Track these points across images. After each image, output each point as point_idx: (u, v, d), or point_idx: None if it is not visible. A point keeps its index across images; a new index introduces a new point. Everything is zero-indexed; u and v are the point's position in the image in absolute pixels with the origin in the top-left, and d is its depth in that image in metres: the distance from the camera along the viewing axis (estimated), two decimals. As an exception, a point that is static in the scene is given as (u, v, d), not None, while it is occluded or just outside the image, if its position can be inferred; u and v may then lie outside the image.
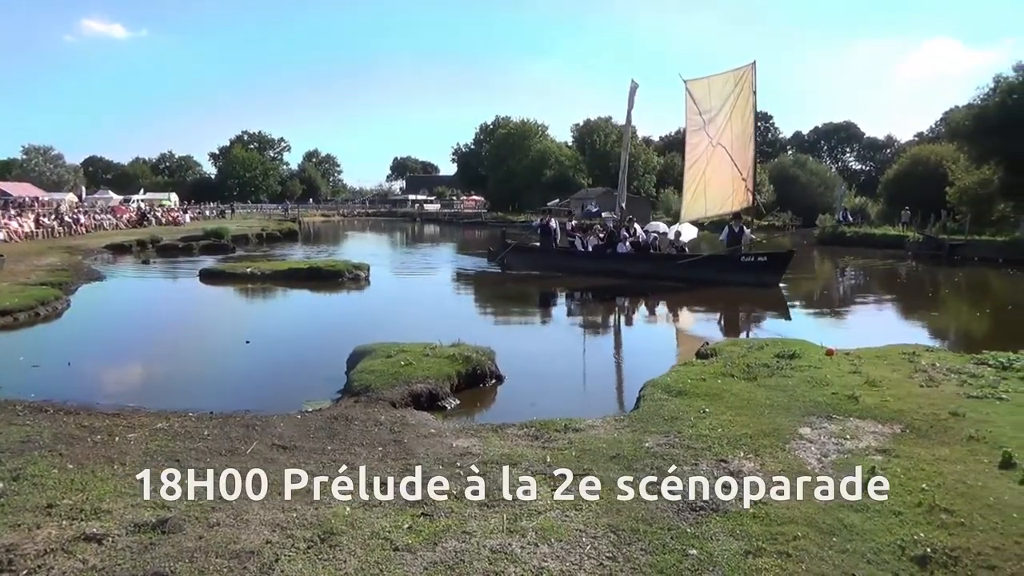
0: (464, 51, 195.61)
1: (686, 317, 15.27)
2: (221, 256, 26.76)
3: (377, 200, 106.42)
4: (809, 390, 6.69)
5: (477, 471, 4.83)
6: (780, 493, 4.38)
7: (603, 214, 26.88)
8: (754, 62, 20.28)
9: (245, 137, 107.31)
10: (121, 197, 57.35)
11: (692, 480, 4.59)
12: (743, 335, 12.63)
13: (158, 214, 45.61)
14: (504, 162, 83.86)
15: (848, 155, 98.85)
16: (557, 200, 75.01)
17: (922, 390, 6.66)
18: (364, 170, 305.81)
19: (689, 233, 22.05)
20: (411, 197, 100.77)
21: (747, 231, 20.00)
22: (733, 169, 20.52)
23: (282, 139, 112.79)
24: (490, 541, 3.79)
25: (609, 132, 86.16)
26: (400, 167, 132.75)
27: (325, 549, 3.73)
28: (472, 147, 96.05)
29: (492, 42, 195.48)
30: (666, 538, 3.84)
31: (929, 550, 3.62)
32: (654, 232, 23.45)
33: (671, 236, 22.00)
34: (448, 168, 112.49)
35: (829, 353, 8.18)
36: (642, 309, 16.31)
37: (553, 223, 23.84)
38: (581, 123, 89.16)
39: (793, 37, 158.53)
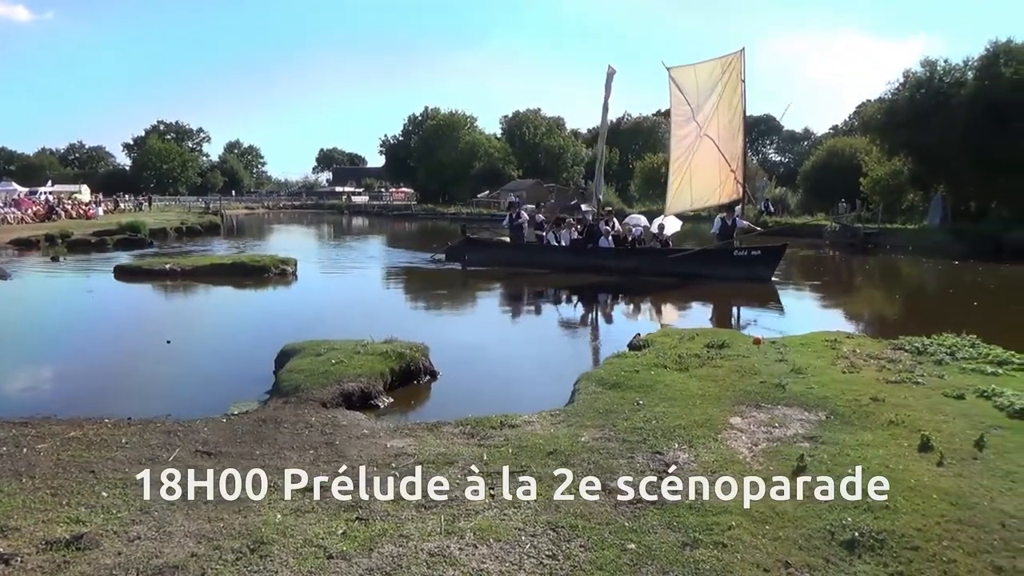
0: (391, 41, 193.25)
1: (643, 309, 15.29)
2: (138, 252, 25.61)
3: (303, 192, 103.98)
4: (739, 379, 6.84)
5: (413, 472, 4.73)
6: (714, 483, 4.45)
7: (582, 207, 25.65)
8: (743, 49, 19.57)
9: (162, 127, 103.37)
10: (27, 189, 54.03)
11: (629, 473, 4.62)
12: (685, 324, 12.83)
13: (68, 207, 43.26)
14: (433, 154, 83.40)
15: (768, 147, 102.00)
16: (487, 192, 75.12)
17: (844, 376, 6.91)
18: (289, 162, 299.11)
19: (673, 226, 21.42)
20: (338, 189, 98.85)
21: (740, 220, 19.50)
22: (721, 160, 19.87)
23: (201, 129, 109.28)
24: (428, 544, 3.71)
25: (538, 124, 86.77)
26: (326, 159, 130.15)
27: (255, 560, 3.57)
28: (401, 138, 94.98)
29: (420, 32, 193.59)
30: (605, 533, 3.84)
31: (857, 534, 3.73)
32: (635, 225, 22.79)
33: (654, 229, 21.27)
34: (376, 160, 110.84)
35: (756, 342, 8.40)
36: (593, 302, 16.29)
37: (523, 215, 22.74)
38: (510, 115, 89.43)
39: (710, 32, 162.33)
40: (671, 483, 4.44)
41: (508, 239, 22.51)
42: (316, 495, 4.40)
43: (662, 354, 7.85)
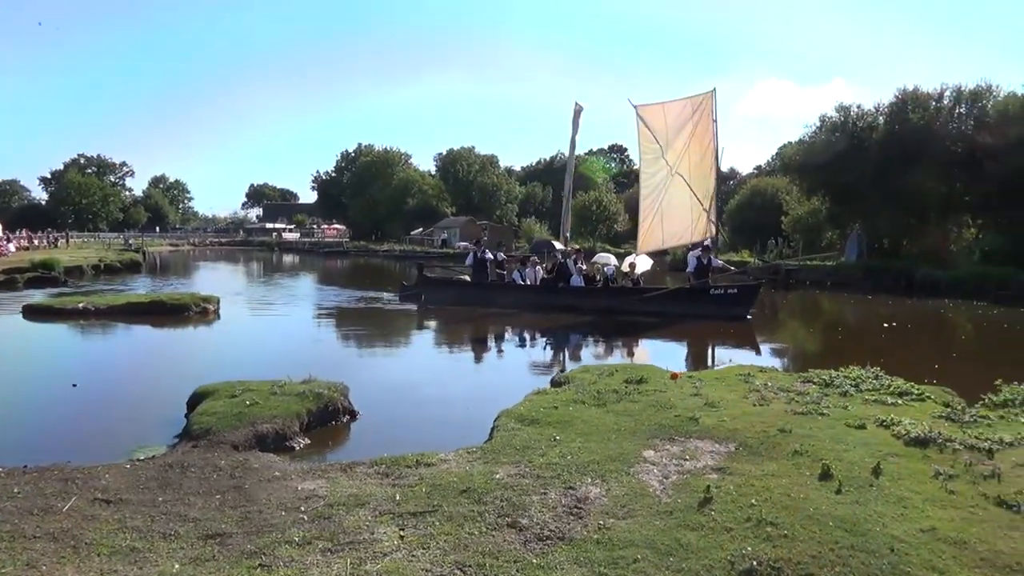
0: (324, 76, 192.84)
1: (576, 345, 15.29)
2: (51, 290, 24.47)
3: (231, 229, 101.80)
4: (654, 413, 6.96)
5: (322, 514, 4.64)
6: (624, 517, 4.50)
7: (554, 243, 24.88)
8: (714, 89, 19.93)
9: (82, 160, 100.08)
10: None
11: (541, 510, 4.64)
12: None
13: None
14: (367, 190, 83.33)
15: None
16: (421, 229, 75.14)
17: (755, 409, 7.11)
18: (218, 197, 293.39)
19: (644, 265, 21.37)
20: (269, 225, 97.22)
21: (716, 260, 19.42)
22: (693, 199, 19.93)
23: (125, 163, 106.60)
24: (331, 589, 3.63)
25: (472, 162, 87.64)
26: (256, 194, 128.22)
27: (146, 614, 3.42)
28: (333, 175, 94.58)
29: (353, 68, 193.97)
30: (512, 571, 3.82)
31: (755, 563, 3.82)
32: (606, 264, 22.72)
33: (625, 268, 21.13)
34: (308, 196, 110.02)
35: (673, 376, 8.58)
36: (523, 335, 16.26)
37: (488, 254, 22.23)
38: (444, 152, 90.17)
39: (642, 77, 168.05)
40: (581, 518, 4.49)
41: (468, 278, 21.98)
42: (218, 542, 4.27)
43: (582, 390, 7.93)
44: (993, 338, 16.74)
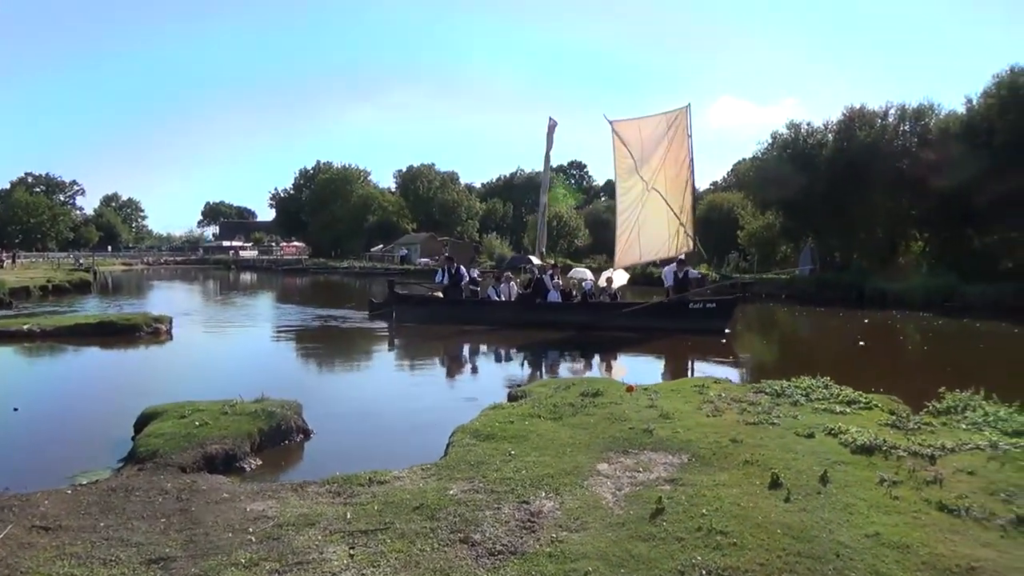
0: (281, 92, 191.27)
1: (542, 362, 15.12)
2: (-5, 312, 23.66)
3: (187, 247, 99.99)
4: (609, 426, 7.00)
5: (271, 535, 4.55)
6: (576, 530, 4.50)
7: (531, 258, 24.64)
8: (688, 105, 20.13)
9: (29, 179, 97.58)
10: None
11: (494, 524, 4.61)
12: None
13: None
14: (326, 207, 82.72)
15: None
16: (381, 246, 74.71)
17: (708, 420, 7.20)
18: (172, 216, 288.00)
19: (620, 279, 21.27)
20: (226, 243, 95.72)
21: (692, 271, 19.40)
22: (669, 213, 20.04)
23: (75, 182, 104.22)
24: (276, 611, 3.55)
25: (432, 178, 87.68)
26: (213, 212, 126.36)
27: (82, 643, 3.30)
28: (292, 192, 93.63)
29: (311, 84, 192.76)
30: (463, 587, 3.80)
31: (704, 572, 3.86)
32: (583, 279, 22.62)
33: (602, 283, 20.90)
34: (266, 214, 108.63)
35: (629, 389, 8.64)
36: (497, 352, 16.16)
37: (463, 271, 21.82)
38: (404, 169, 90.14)
39: (600, 96, 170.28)
40: (534, 532, 4.48)
41: (441, 295, 21.55)
42: (161, 567, 4.15)
43: (538, 404, 7.94)
44: (938, 348, 17.23)
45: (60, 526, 4.86)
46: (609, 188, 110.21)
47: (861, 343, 16.72)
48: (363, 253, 74.66)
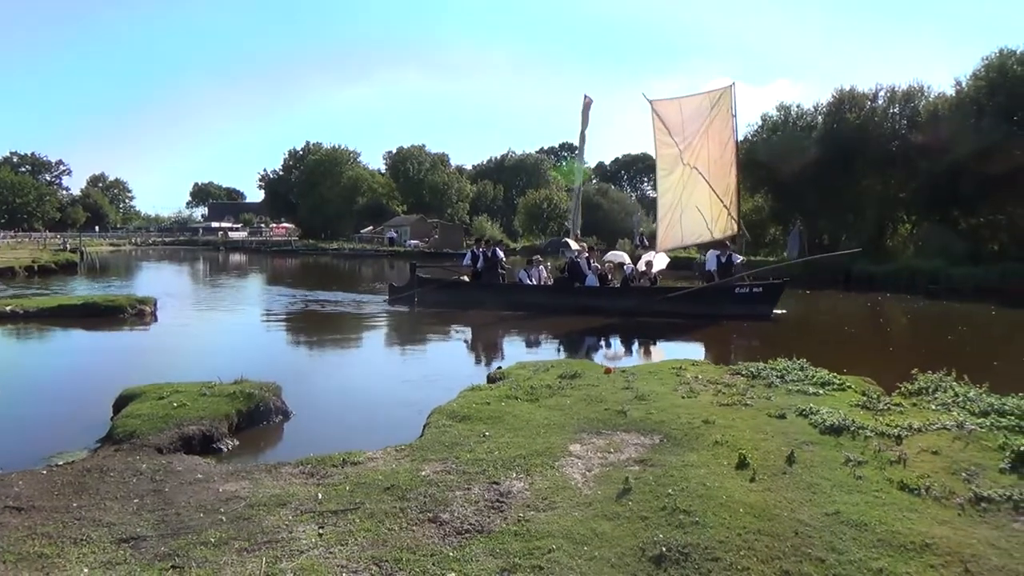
0: (271, 73, 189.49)
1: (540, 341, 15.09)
2: (-22, 293, 23.52)
3: (176, 228, 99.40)
4: (584, 408, 7.07)
5: (242, 515, 4.60)
6: (544, 509, 4.57)
7: (570, 242, 24.34)
8: (732, 83, 19.34)
9: (15, 159, 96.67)
10: None
11: (463, 504, 4.68)
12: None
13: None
14: (315, 189, 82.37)
15: (646, 183, 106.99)
16: (371, 227, 74.56)
17: (683, 401, 7.28)
18: (161, 197, 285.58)
19: (660, 263, 20.46)
20: (215, 224, 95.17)
21: (736, 257, 18.71)
22: (712, 195, 19.26)
23: (61, 162, 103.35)
24: (242, 589, 3.61)
25: (423, 160, 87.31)
26: (202, 193, 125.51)
27: (48, 621, 3.35)
28: (281, 173, 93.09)
29: (301, 65, 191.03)
30: (427, 564, 3.86)
31: (665, 549, 3.94)
32: (621, 262, 21.88)
33: (641, 267, 19.99)
34: (256, 195, 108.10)
35: (607, 371, 8.71)
36: (469, 334, 16.07)
37: (499, 253, 20.63)
38: (394, 151, 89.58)
39: (588, 76, 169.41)
40: (502, 511, 4.55)
41: (467, 278, 20.62)
42: (131, 546, 4.20)
43: (516, 386, 7.98)
44: (918, 329, 17.41)
45: (33, 506, 4.90)
46: (601, 170, 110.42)
47: (839, 318, 16.84)
48: (353, 235, 74.48)
